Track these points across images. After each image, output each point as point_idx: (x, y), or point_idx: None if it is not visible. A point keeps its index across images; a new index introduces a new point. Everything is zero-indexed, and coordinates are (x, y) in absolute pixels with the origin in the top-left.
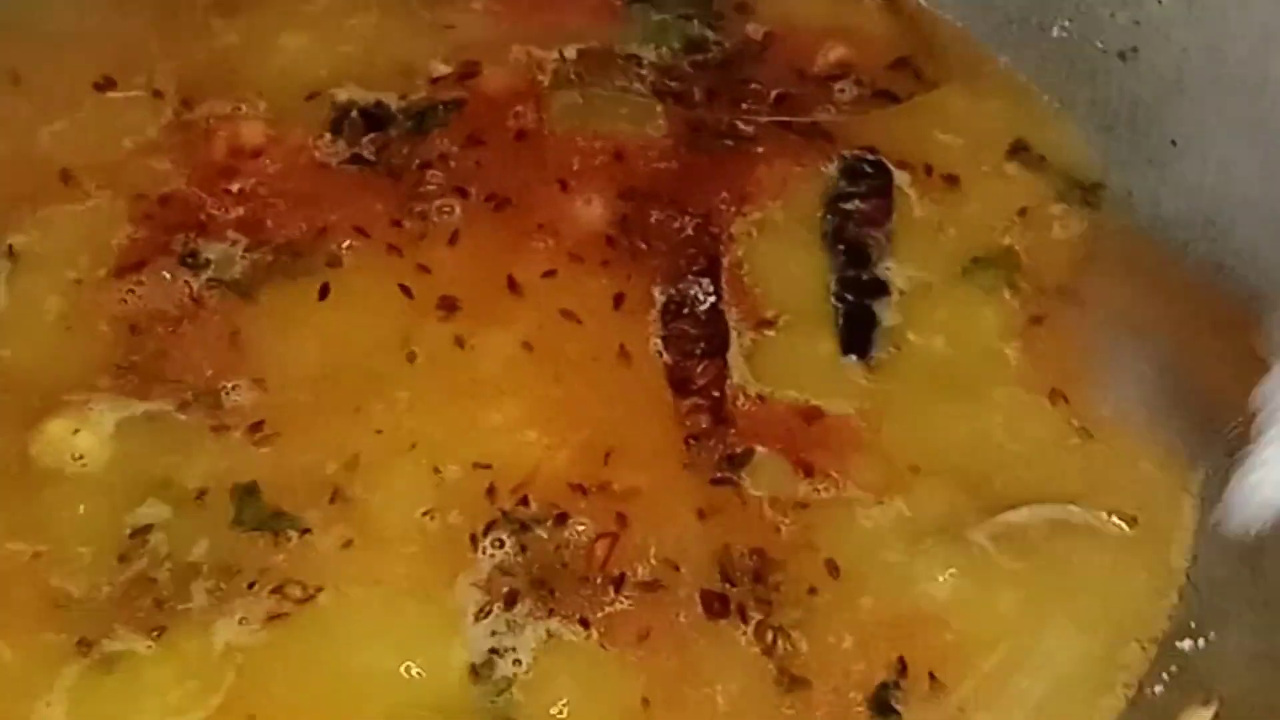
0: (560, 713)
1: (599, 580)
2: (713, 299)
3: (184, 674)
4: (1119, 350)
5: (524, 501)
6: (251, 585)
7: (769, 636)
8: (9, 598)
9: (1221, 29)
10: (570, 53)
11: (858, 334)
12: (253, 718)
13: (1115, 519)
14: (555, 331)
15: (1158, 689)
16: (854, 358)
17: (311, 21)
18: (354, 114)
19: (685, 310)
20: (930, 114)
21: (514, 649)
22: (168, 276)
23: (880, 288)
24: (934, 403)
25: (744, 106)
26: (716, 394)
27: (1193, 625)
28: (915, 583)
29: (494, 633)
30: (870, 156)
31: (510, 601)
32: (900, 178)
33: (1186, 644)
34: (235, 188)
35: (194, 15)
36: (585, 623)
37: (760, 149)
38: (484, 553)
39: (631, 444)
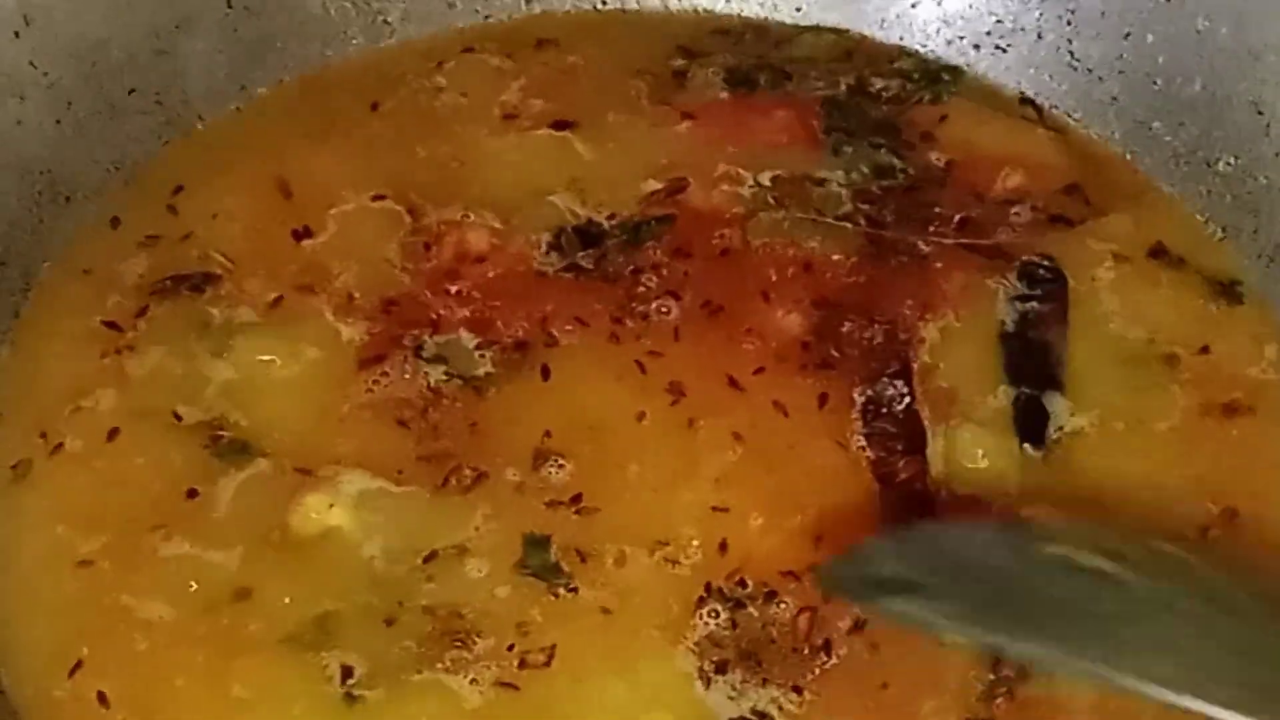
0: None
1: (806, 651)
2: (907, 399)
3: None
4: None
5: (741, 583)
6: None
7: (997, 692)
8: (265, 651)
9: None
10: (765, 179)
11: (1031, 424)
12: None
13: None
14: (768, 425)
15: None
16: (1030, 447)
17: (532, 138)
18: (570, 230)
19: (884, 410)
20: (1099, 236)
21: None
22: (408, 371)
23: (1052, 382)
24: (1101, 499)
25: (930, 229)
26: (919, 487)
27: None
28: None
29: (730, 697)
30: (1046, 263)
31: (720, 670)
32: (1073, 286)
33: None
34: (455, 289)
35: (422, 132)
36: (799, 689)
37: (939, 264)
38: (701, 620)
39: (841, 533)
